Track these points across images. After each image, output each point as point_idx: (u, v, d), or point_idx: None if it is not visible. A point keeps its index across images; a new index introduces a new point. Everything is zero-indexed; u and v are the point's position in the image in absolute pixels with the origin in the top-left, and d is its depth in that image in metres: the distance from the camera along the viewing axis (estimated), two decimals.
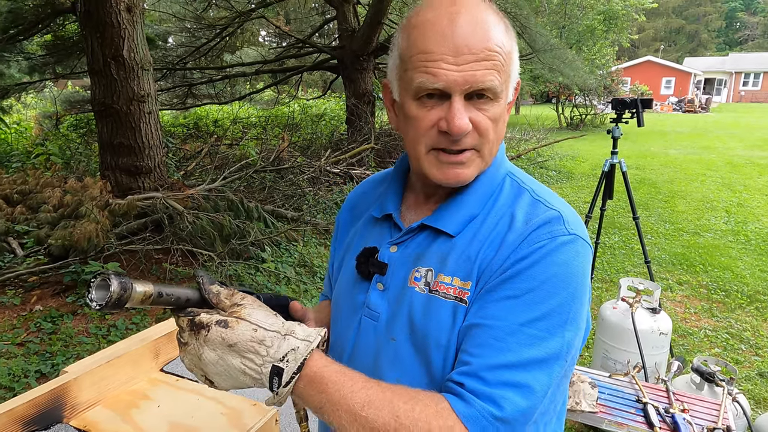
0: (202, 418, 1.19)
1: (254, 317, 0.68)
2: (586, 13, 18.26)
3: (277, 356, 0.66)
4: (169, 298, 0.67)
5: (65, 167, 7.17)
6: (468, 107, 0.73)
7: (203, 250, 4.43)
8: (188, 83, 9.82)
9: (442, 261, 0.79)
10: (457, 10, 0.72)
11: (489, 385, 0.67)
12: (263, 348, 0.67)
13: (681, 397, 2.10)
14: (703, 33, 55.99)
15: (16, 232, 4.56)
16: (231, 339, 0.66)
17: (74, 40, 7.60)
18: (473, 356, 0.70)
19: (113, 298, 0.59)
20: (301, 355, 0.67)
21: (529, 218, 0.77)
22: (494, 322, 0.70)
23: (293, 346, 0.67)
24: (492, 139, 0.77)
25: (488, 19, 0.73)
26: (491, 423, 0.66)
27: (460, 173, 0.78)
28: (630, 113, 2.99)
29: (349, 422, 0.66)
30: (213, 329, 0.67)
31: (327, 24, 11.50)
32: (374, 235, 0.89)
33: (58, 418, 1.14)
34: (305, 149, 8.91)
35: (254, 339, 0.66)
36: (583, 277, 0.74)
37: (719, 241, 6.03)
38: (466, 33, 0.70)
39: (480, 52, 0.70)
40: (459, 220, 0.80)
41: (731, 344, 3.69)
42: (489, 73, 0.71)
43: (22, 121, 11.00)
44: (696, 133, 17.83)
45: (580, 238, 0.76)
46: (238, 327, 0.67)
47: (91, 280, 0.61)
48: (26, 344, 3.37)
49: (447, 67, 0.70)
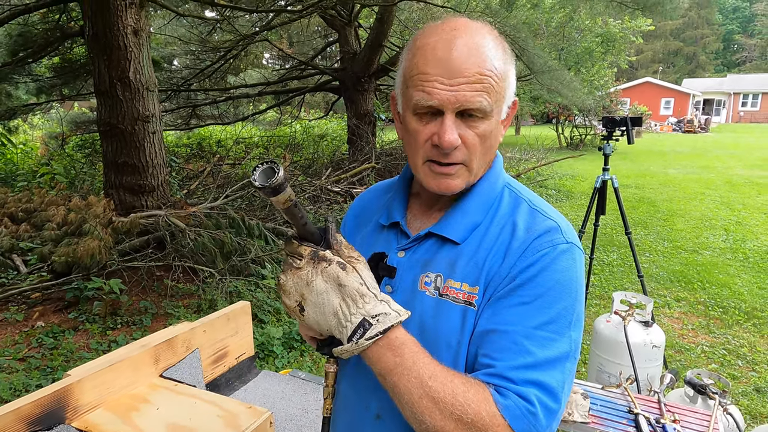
0: (200, 420, 1.24)
1: (364, 274, 0.78)
2: (585, 35, 18.53)
3: (371, 313, 0.75)
4: (298, 212, 0.75)
5: (70, 186, 7.28)
6: (459, 124, 0.80)
7: (204, 267, 4.48)
8: (192, 104, 9.99)
9: (450, 267, 0.85)
10: (456, 35, 0.80)
11: (516, 383, 0.74)
12: (361, 301, 0.75)
13: (672, 408, 2.12)
14: (701, 55, 56.63)
15: (20, 249, 4.63)
16: (343, 280, 0.75)
17: (81, 62, 7.77)
18: (495, 359, 0.77)
19: (275, 183, 0.68)
20: (390, 321, 0.75)
21: (529, 227, 0.84)
22: (510, 327, 0.78)
23: (386, 311, 0.76)
24: (479, 153, 0.84)
25: (483, 44, 0.80)
26: (525, 416, 0.73)
27: (450, 183, 0.85)
28: (620, 131, 3.07)
29: (416, 386, 0.73)
30: (333, 266, 0.76)
31: (329, 46, 11.74)
32: (382, 241, 0.96)
33: (60, 419, 1.19)
34: (307, 168, 9.02)
35: (359, 290, 0.75)
36: (581, 281, 0.84)
37: (717, 259, 6.06)
38: (460, 57, 0.78)
39: (471, 75, 0.78)
40: (463, 227, 0.87)
41: (728, 360, 3.70)
42: (479, 95, 0.78)
43: (29, 142, 11.17)
44: (695, 152, 17.94)
45: (576, 246, 0.84)
46: (352, 274, 0.76)
47: (259, 164, 0.70)
48: (28, 359, 3.40)
49: (441, 87, 0.78)
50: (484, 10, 9.20)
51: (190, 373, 1.50)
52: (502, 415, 0.72)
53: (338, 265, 0.76)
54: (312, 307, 0.77)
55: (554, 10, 15.32)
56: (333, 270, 0.76)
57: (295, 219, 0.76)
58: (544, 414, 0.74)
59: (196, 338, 1.57)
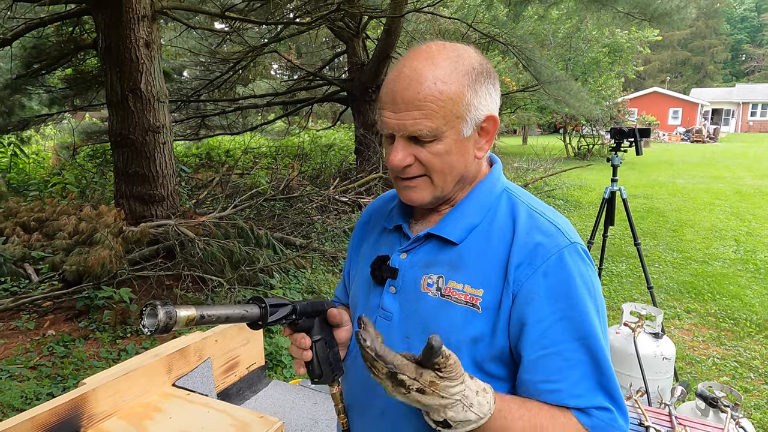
0: (212, 429, 1.25)
1: (446, 392, 0.75)
2: (591, 45, 18.59)
3: (454, 419, 0.75)
4: (211, 319, 0.75)
5: (81, 196, 7.36)
6: (411, 145, 0.86)
7: (213, 276, 4.51)
8: (202, 115, 10.09)
9: (452, 268, 0.89)
10: (405, 65, 0.85)
11: (589, 398, 0.81)
12: (444, 411, 0.75)
13: (684, 421, 2.11)
14: (710, 65, 56.49)
15: (32, 258, 4.68)
16: (423, 402, 0.74)
17: (93, 73, 7.89)
18: (558, 382, 0.82)
19: (160, 325, 0.69)
20: (472, 426, 0.76)
21: (529, 230, 0.87)
22: (556, 347, 0.82)
23: (468, 419, 0.76)
24: (437, 170, 0.88)
25: (426, 71, 0.83)
26: (610, 425, 0.81)
27: (412, 195, 0.91)
28: (628, 142, 3.07)
29: None
30: (413, 393, 0.74)
31: (337, 57, 11.82)
32: (386, 244, 1.01)
33: (76, 427, 1.21)
34: (314, 178, 9.06)
35: (441, 405, 0.74)
36: (593, 273, 0.88)
37: (728, 270, 6.01)
38: (402, 87, 0.84)
39: (410, 103, 0.83)
40: (461, 228, 0.91)
41: (740, 372, 3.66)
42: (419, 122, 0.83)
43: (40, 152, 11.32)
44: (704, 162, 17.85)
45: (578, 242, 0.88)
46: (432, 396, 0.74)
47: (142, 309, 0.71)
48: (39, 368, 3.43)
49: (389, 116, 0.86)
50: (491, 21, 9.26)
51: (201, 383, 1.52)
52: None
53: (418, 393, 0.74)
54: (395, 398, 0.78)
55: (561, 21, 15.39)
56: (413, 397, 0.74)
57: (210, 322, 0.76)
58: (620, 414, 0.82)
59: (208, 348, 1.58)
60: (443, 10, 8.82)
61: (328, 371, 0.92)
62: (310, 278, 5.06)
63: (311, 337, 0.92)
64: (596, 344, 0.82)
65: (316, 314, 0.92)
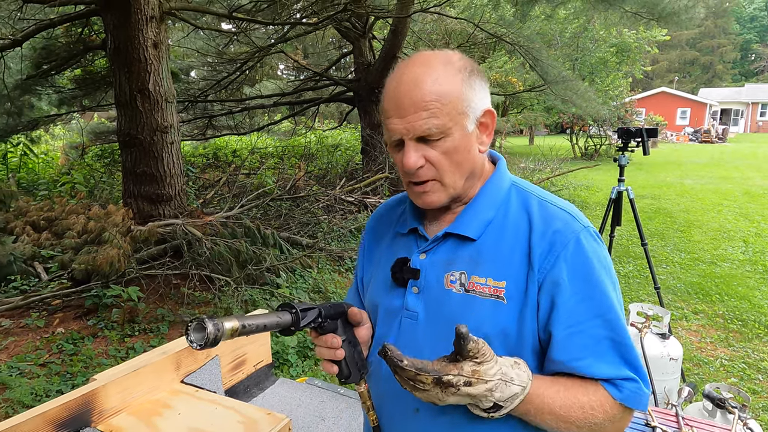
0: (221, 425, 1.26)
1: (489, 374, 0.80)
2: (599, 45, 18.50)
3: (501, 399, 0.81)
4: (251, 328, 0.78)
5: (89, 195, 7.42)
6: (421, 147, 0.90)
7: (220, 276, 4.53)
8: (209, 115, 10.13)
9: (473, 264, 0.93)
10: (403, 72, 0.90)
11: (614, 370, 0.86)
12: (491, 394, 0.80)
13: (691, 422, 2.10)
14: (718, 64, 56.02)
15: (41, 256, 4.72)
16: (473, 393, 0.79)
17: (102, 74, 7.94)
18: (585, 358, 0.87)
19: (210, 338, 0.71)
20: (519, 398, 0.82)
21: (544, 218, 0.92)
22: (582, 326, 0.87)
23: (514, 393, 0.82)
24: (448, 168, 0.92)
25: (425, 75, 0.88)
26: (637, 394, 0.87)
27: (427, 198, 0.94)
28: (635, 142, 3.06)
29: (552, 419, 0.85)
30: (462, 389, 0.79)
31: (343, 58, 11.85)
32: (402, 247, 1.04)
33: (86, 422, 1.22)
34: (321, 178, 9.09)
35: (488, 390, 0.80)
36: (606, 252, 0.94)
37: (736, 271, 5.96)
38: (405, 91, 0.88)
39: (416, 104, 0.87)
40: (477, 224, 0.95)
41: (748, 374, 3.64)
42: (427, 121, 0.87)
43: (50, 152, 11.40)
44: (713, 163, 17.72)
45: (590, 226, 0.94)
46: (478, 385, 0.79)
47: (188, 324, 0.73)
48: (48, 365, 3.47)
49: (395, 122, 0.90)
50: (498, 21, 9.24)
51: (209, 380, 1.53)
52: (622, 405, 0.86)
53: (465, 386, 0.79)
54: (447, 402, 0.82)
55: (568, 20, 15.32)
56: (463, 392, 0.79)
57: (251, 332, 0.79)
58: (644, 382, 0.88)
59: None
60: (450, 10, 8.82)
61: (356, 370, 0.96)
62: (316, 278, 5.07)
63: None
64: (616, 319, 0.88)
65: (339, 315, 0.96)
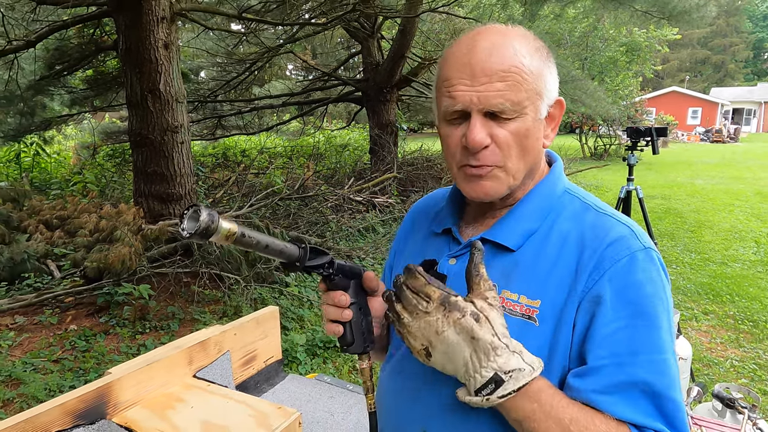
0: (232, 419, 1.28)
1: (496, 324, 0.70)
2: (608, 44, 18.39)
3: (503, 368, 0.69)
4: (251, 242, 0.69)
5: (101, 194, 7.51)
6: (488, 124, 0.77)
7: (230, 274, 4.57)
8: (218, 115, 10.21)
9: (506, 277, 0.81)
10: (478, 39, 0.78)
11: (642, 417, 0.71)
12: (493, 354, 0.69)
13: (700, 421, 2.10)
14: (730, 63, 55.47)
15: (54, 254, 4.79)
16: (477, 333, 0.69)
17: (113, 75, 8.04)
18: (613, 394, 0.73)
19: (201, 227, 0.63)
20: (524, 379, 0.70)
21: (599, 234, 0.79)
22: (613, 359, 0.73)
23: (520, 366, 0.70)
24: (515, 154, 0.79)
25: (505, 43, 0.77)
26: None
27: (484, 185, 0.81)
28: (645, 141, 3.06)
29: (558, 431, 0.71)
30: (467, 318, 0.69)
31: (352, 58, 11.88)
32: (433, 248, 0.93)
33: (102, 414, 1.25)
34: (329, 178, 9.13)
35: (492, 343, 0.69)
36: (666, 282, 0.79)
37: (747, 272, 5.92)
38: (481, 57, 0.76)
39: (494, 74, 0.75)
40: (518, 234, 0.83)
41: (759, 375, 3.61)
42: (502, 93, 0.75)
43: (62, 151, 11.55)
44: (724, 162, 17.56)
45: (652, 249, 0.79)
46: (485, 326, 0.69)
47: (184, 211, 0.65)
48: (61, 361, 3.52)
49: (463, 89, 0.77)
50: (507, 20, 9.22)
51: (221, 375, 1.56)
52: None
53: (472, 317, 0.69)
54: (440, 354, 0.72)
55: (578, 20, 15.26)
56: (467, 323, 0.69)
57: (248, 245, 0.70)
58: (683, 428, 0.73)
59: (227, 341, 1.62)
60: (458, 10, 8.81)
61: (360, 340, 0.85)
62: None
63: None
64: (664, 364, 0.73)
65: (353, 276, 0.85)
